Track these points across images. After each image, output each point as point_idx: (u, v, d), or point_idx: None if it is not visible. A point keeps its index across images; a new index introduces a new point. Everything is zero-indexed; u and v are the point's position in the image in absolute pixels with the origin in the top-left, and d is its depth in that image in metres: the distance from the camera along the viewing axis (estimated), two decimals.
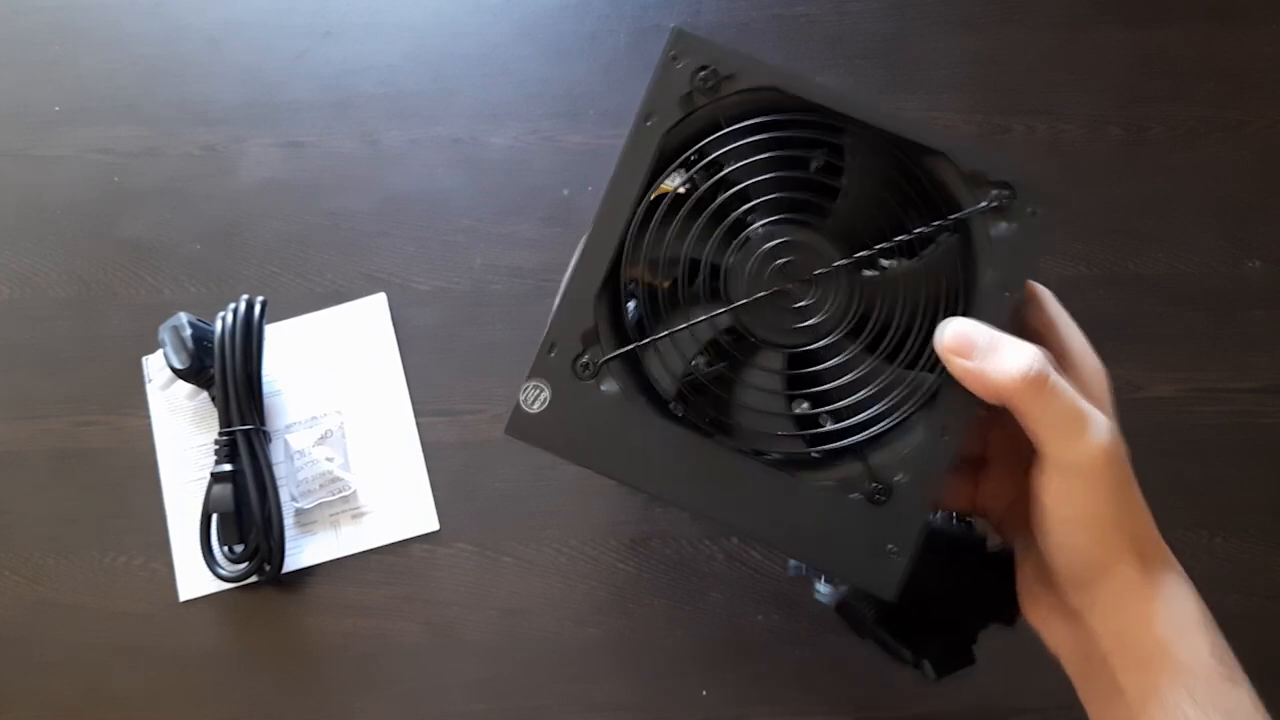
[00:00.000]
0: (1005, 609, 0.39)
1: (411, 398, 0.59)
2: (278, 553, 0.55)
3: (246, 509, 0.55)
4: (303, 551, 0.56)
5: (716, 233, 0.36)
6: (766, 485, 0.36)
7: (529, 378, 0.37)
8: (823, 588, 0.49)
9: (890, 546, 0.35)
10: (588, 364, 0.36)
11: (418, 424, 0.58)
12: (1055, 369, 0.33)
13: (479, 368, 0.59)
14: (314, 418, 0.59)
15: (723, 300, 0.36)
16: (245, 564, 0.55)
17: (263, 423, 0.57)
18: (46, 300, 0.61)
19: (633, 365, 0.37)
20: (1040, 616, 0.38)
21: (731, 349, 0.37)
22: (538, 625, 0.55)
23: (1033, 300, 0.38)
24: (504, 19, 0.66)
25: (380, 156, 0.63)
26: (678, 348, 0.36)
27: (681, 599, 0.55)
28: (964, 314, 0.35)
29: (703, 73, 0.37)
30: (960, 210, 0.36)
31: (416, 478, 0.58)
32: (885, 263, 0.36)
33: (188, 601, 0.56)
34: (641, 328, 0.37)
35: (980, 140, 0.33)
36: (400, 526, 0.57)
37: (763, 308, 0.36)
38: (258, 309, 0.57)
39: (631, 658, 0.55)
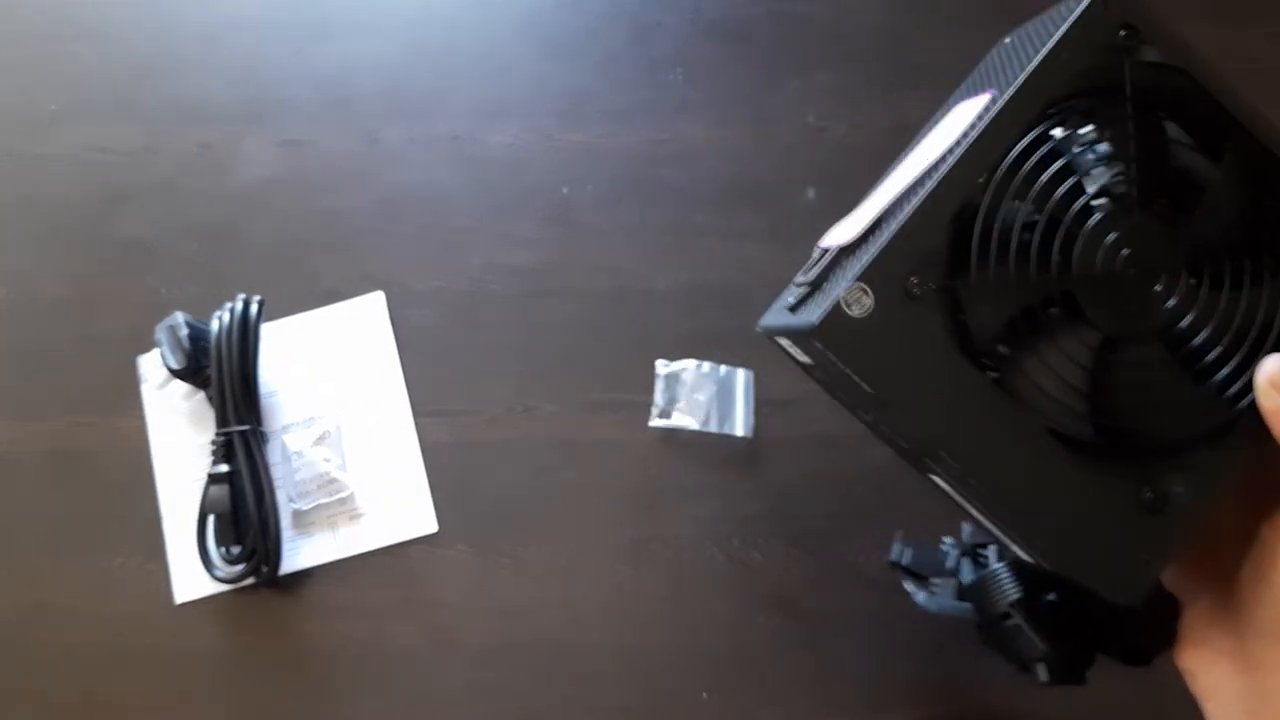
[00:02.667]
0: (1152, 645, 0.40)
1: (410, 398, 0.59)
2: (275, 554, 0.54)
3: (243, 510, 0.54)
4: (300, 553, 0.56)
5: (1080, 199, 0.35)
6: (1038, 460, 0.34)
7: (860, 279, 0.33)
8: (920, 595, 0.48)
9: (1145, 556, 0.34)
10: (920, 286, 0.34)
11: (416, 425, 0.58)
12: None
13: (478, 368, 0.59)
14: (311, 418, 0.58)
15: (1051, 266, 0.35)
16: (242, 566, 0.54)
17: (260, 423, 0.56)
18: (42, 299, 0.61)
19: (954, 305, 0.35)
20: (1204, 658, 0.38)
21: (1056, 318, 0.35)
22: (537, 628, 0.55)
23: None
24: (503, 16, 0.66)
25: (378, 155, 0.63)
26: (1012, 299, 0.35)
27: (682, 601, 0.55)
28: None
29: (1127, 30, 0.36)
30: None
31: (415, 479, 0.57)
32: (1234, 287, 0.36)
33: (184, 603, 0.55)
34: (970, 267, 0.35)
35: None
36: (398, 528, 0.56)
37: (1101, 285, 0.35)
38: (254, 308, 0.57)
39: (632, 660, 0.54)
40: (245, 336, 0.56)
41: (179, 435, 0.58)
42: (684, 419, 0.57)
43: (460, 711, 0.54)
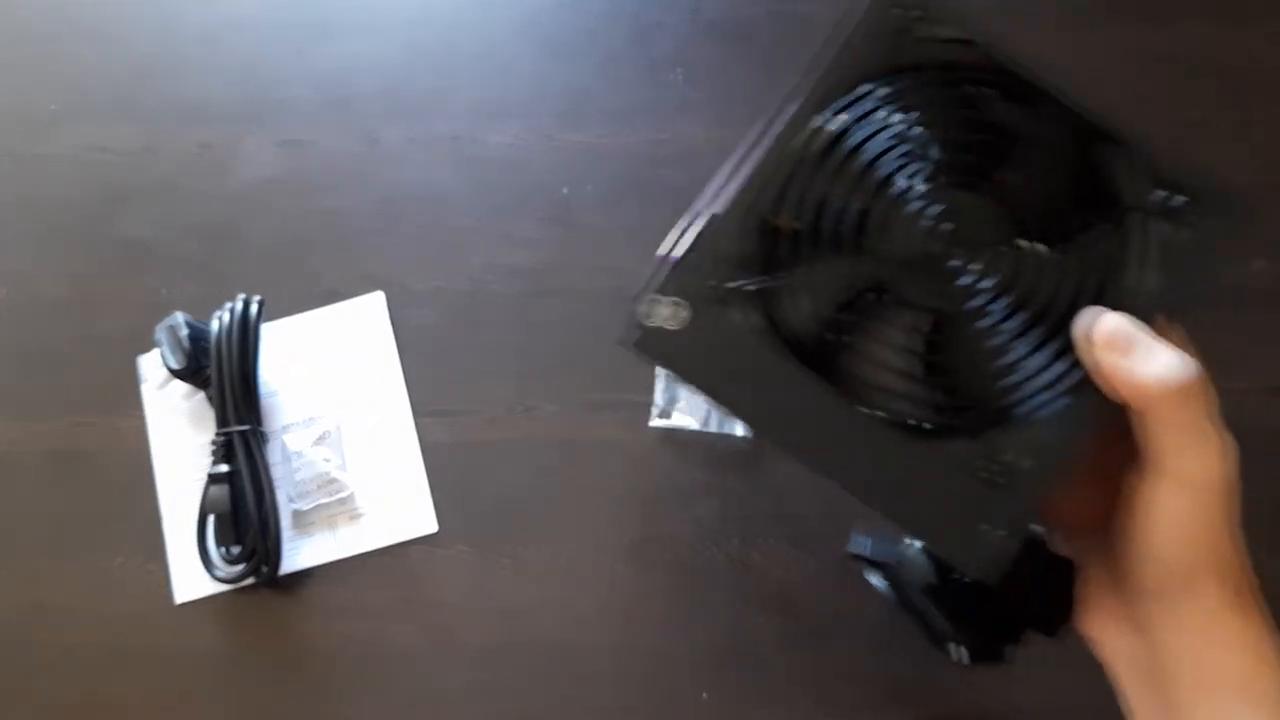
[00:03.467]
0: (1055, 615, 0.39)
1: (410, 398, 0.59)
2: (275, 554, 0.54)
3: (243, 510, 0.54)
4: (300, 553, 0.56)
5: (874, 179, 0.35)
6: (886, 447, 0.34)
7: (664, 291, 0.34)
8: (877, 579, 0.48)
9: (1000, 532, 0.34)
10: (730, 290, 0.34)
11: (416, 425, 0.58)
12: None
13: (478, 368, 0.59)
14: (311, 418, 0.58)
15: (865, 251, 0.35)
16: (242, 566, 0.54)
17: (260, 423, 0.56)
18: (41, 299, 0.61)
19: (770, 302, 0.35)
20: (1102, 625, 0.38)
21: (874, 304, 0.35)
22: (537, 628, 0.55)
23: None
24: (503, 16, 0.66)
25: (378, 155, 0.63)
26: (823, 290, 0.35)
27: (682, 601, 0.55)
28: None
29: (913, 12, 0.36)
30: (1126, 205, 0.35)
31: (415, 479, 0.57)
32: (1036, 245, 0.35)
33: (184, 603, 0.55)
34: (782, 265, 0.35)
35: (1170, 141, 0.33)
36: (398, 528, 0.56)
37: (916, 266, 0.35)
38: (254, 308, 0.57)
39: (631, 660, 0.54)
40: (245, 336, 0.56)
41: (179, 435, 0.58)
42: (684, 419, 0.57)
43: (460, 711, 0.54)
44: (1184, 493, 0.33)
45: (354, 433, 0.58)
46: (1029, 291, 0.35)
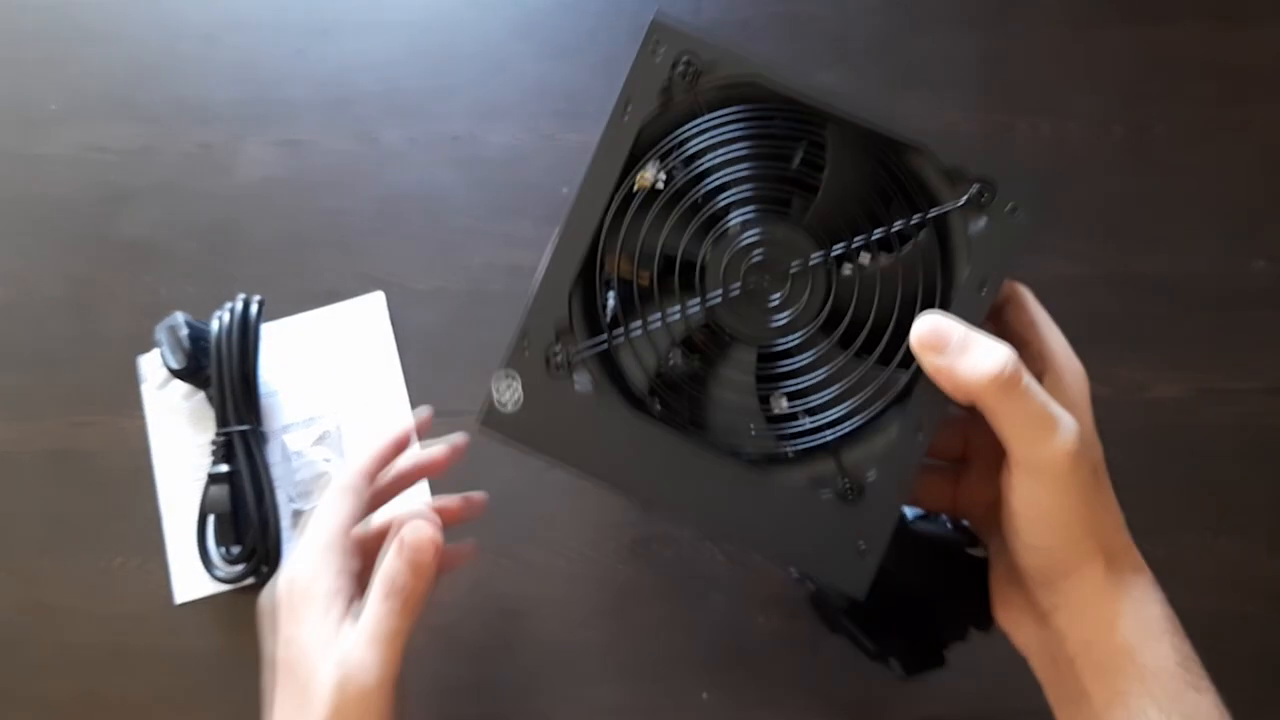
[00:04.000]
0: (980, 613, 0.39)
1: (409, 398, 0.59)
2: (275, 554, 0.54)
3: (243, 510, 0.54)
4: None
5: (692, 226, 0.36)
6: (739, 483, 0.36)
7: (502, 370, 0.36)
8: (798, 581, 0.49)
9: (861, 544, 0.35)
10: (562, 358, 0.36)
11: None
12: (1027, 371, 0.33)
13: (478, 368, 0.58)
14: (311, 418, 0.58)
15: (693, 295, 0.36)
16: (242, 566, 0.54)
17: (259, 423, 0.56)
18: (41, 300, 0.61)
19: (607, 360, 0.37)
20: (1011, 618, 0.38)
21: (706, 345, 0.36)
22: (537, 627, 0.55)
23: (1014, 300, 0.38)
24: (503, 16, 0.66)
25: (378, 155, 0.63)
26: (652, 343, 0.36)
27: (682, 601, 0.55)
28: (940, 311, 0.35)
29: (681, 63, 0.37)
30: (937, 206, 0.36)
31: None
32: (864, 259, 0.36)
33: (184, 603, 0.55)
34: (615, 322, 0.36)
35: (962, 136, 0.33)
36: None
37: (738, 303, 0.36)
38: (254, 308, 0.57)
39: (631, 660, 0.54)
40: (245, 336, 0.56)
41: (179, 435, 0.58)
42: None
43: (460, 711, 0.54)
44: (1036, 479, 0.34)
45: (354, 433, 0.58)
46: (856, 307, 0.36)
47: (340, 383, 0.59)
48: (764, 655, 0.54)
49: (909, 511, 0.43)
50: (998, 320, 0.38)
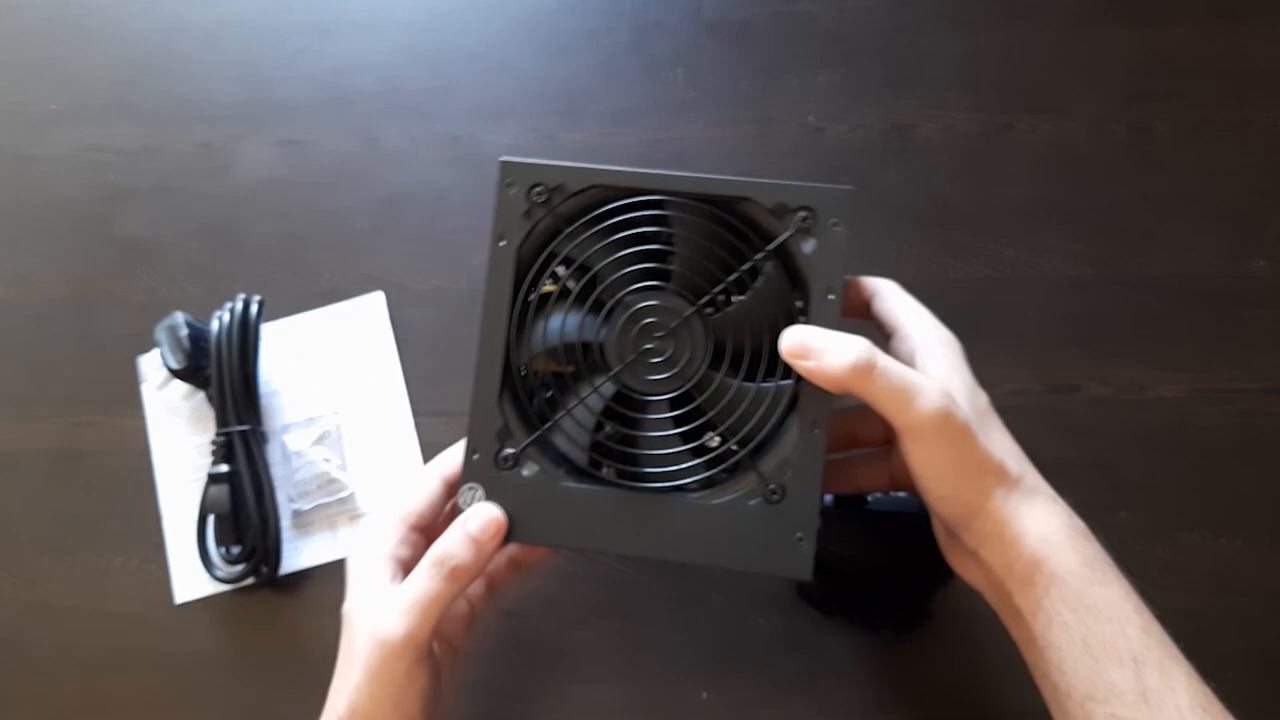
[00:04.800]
0: (941, 570, 0.44)
1: (409, 398, 0.59)
2: (274, 554, 0.54)
3: (243, 510, 0.54)
4: (300, 553, 0.56)
5: (584, 313, 0.42)
6: (684, 514, 0.41)
7: (464, 486, 0.42)
8: None
9: (798, 535, 0.41)
10: (507, 457, 0.42)
11: (416, 424, 0.58)
12: (882, 354, 0.39)
13: None
14: (311, 418, 0.58)
15: (604, 370, 0.42)
16: (242, 566, 0.54)
17: (259, 423, 0.56)
18: (42, 299, 0.61)
19: (547, 445, 0.43)
20: (957, 563, 0.43)
21: (625, 410, 0.42)
22: (536, 627, 0.55)
23: (877, 295, 0.45)
24: (502, 16, 0.66)
25: (378, 155, 0.63)
26: (580, 422, 0.42)
27: (681, 601, 0.55)
28: (804, 323, 0.41)
29: (535, 190, 0.43)
30: (774, 240, 0.42)
31: None
32: (733, 300, 0.42)
33: (184, 603, 0.56)
34: (543, 415, 0.43)
35: (776, 176, 0.42)
36: None
37: (639, 367, 0.42)
38: (254, 308, 0.57)
39: (631, 660, 0.54)
40: (245, 336, 0.56)
41: (179, 435, 0.58)
42: None
43: (459, 711, 0.54)
44: (916, 441, 0.39)
45: (354, 433, 0.58)
46: (735, 339, 0.42)
47: (340, 383, 0.59)
48: (763, 655, 0.54)
49: (870, 495, 0.49)
50: (869, 315, 0.45)
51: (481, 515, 0.41)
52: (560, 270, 0.43)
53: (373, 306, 0.60)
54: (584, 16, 0.65)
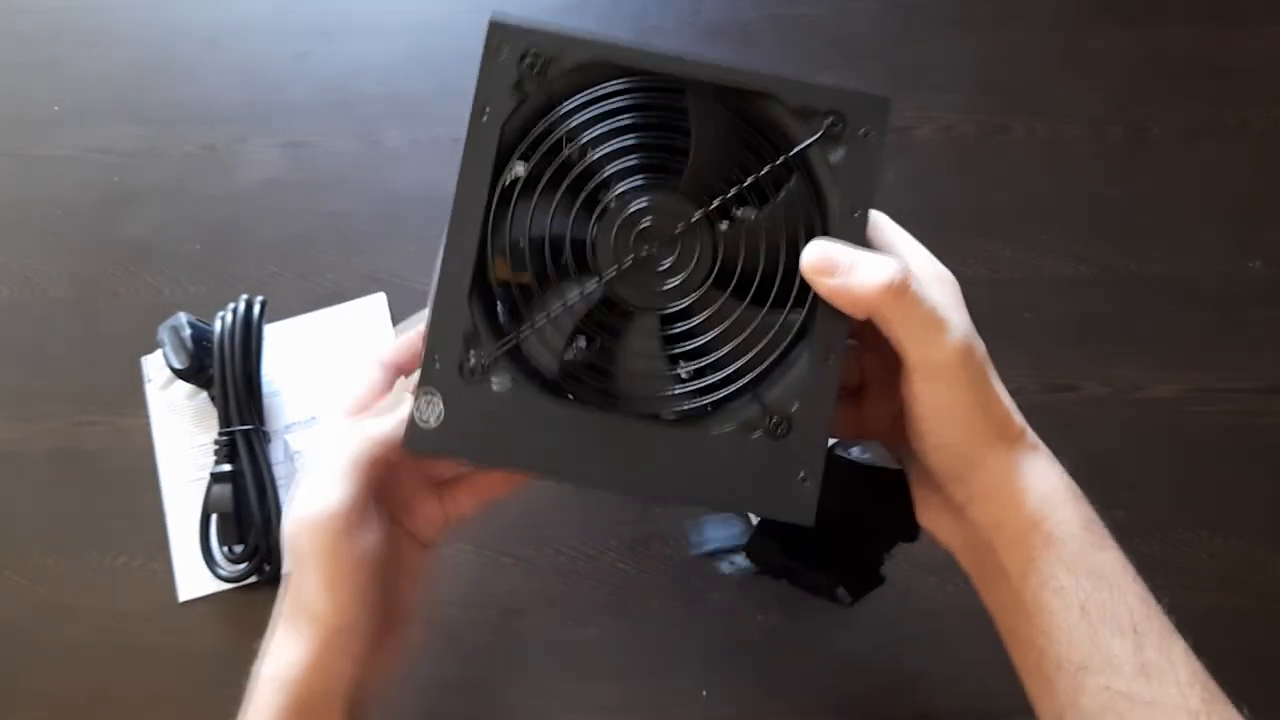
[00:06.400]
0: (905, 524, 0.41)
1: None
2: (277, 553, 0.55)
3: (246, 509, 0.55)
4: None
5: (575, 208, 0.37)
6: (672, 446, 0.36)
7: (418, 388, 0.36)
8: (726, 566, 0.50)
9: (801, 474, 0.36)
10: (474, 366, 0.36)
11: None
12: (915, 278, 0.35)
13: None
14: (314, 418, 0.59)
15: (588, 273, 0.37)
16: (245, 564, 0.55)
17: (262, 423, 0.57)
18: (46, 300, 0.61)
19: (520, 357, 0.37)
20: (932, 519, 0.40)
21: (609, 321, 0.37)
22: (537, 625, 0.55)
23: (871, 226, 0.40)
24: None
25: (380, 156, 0.63)
26: (559, 330, 0.36)
27: (681, 599, 0.55)
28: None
29: (527, 58, 0.37)
30: (797, 145, 0.37)
31: None
32: (741, 212, 0.37)
33: (187, 602, 0.56)
34: (519, 317, 0.37)
35: (805, 73, 0.36)
36: None
37: (632, 274, 0.37)
38: (257, 309, 0.57)
39: (631, 658, 0.54)
40: (248, 337, 0.56)
41: (182, 435, 0.58)
42: None
43: (460, 708, 0.54)
44: (933, 380, 0.36)
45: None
46: (745, 257, 0.37)
47: (342, 383, 0.59)
48: (763, 653, 0.54)
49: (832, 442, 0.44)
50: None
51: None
52: (545, 157, 0.37)
53: (375, 307, 0.60)
54: (584, 19, 0.66)
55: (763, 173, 0.37)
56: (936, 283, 0.38)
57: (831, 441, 0.44)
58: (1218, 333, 0.59)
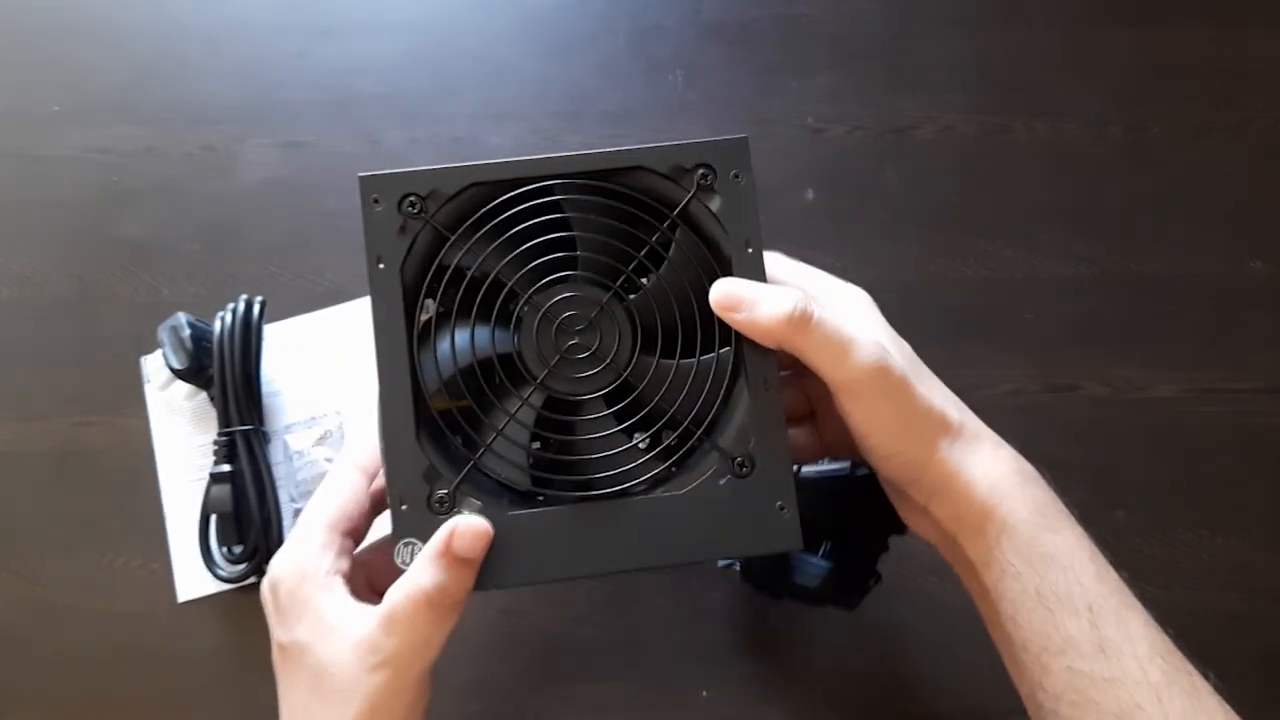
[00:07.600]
0: (890, 518, 0.42)
1: None
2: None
3: (245, 510, 0.55)
4: None
5: (492, 326, 0.38)
6: (650, 515, 0.38)
7: (395, 539, 0.37)
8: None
9: (778, 503, 0.38)
10: (441, 499, 0.37)
11: None
12: (818, 304, 0.37)
13: None
14: (313, 418, 0.59)
15: (530, 381, 0.38)
16: (244, 565, 0.55)
17: (262, 423, 0.57)
18: (45, 300, 0.61)
19: (483, 478, 0.39)
20: (912, 519, 0.42)
21: (557, 418, 0.39)
22: (537, 625, 0.55)
23: (772, 264, 0.41)
24: (503, 18, 0.66)
25: (380, 156, 0.63)
26: (515, 442, 0.38)
27: (681, 599, 0.55)
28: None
29: (405, 203, 0.39)
30: (679, 204, 0.39)
31: None
32: (646, 280, 0.39)
33: (186, 602, 0.56)
34: (470, 441, 0.38)
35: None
36: None
37: (564, 369, 0.39)
38: (256, 309, 0.57)
39: (631, 658, 0.54)
40: (248, 337, 0.56)
41: (181, 435, 0.58)
42: None
43: (461, 708, 0.54)
44: (855, 397, 0.37)
45: (355, 433, 0.58)
46: (660, 317, 0.39)
47: (342, 383, 0.59)
48: (764, 653, 0.54)
49: (800, 468, 0.46)
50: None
51: (467, 521, 0.37)
52: (451, 290, 0.39)
53: None
54: (584, 19, 0.66)
55: (649, 243, 0.39)
56: (844, 303, 0.40)
57: (804, 467, 0.46)
58: (1218, 333, 0.59)
